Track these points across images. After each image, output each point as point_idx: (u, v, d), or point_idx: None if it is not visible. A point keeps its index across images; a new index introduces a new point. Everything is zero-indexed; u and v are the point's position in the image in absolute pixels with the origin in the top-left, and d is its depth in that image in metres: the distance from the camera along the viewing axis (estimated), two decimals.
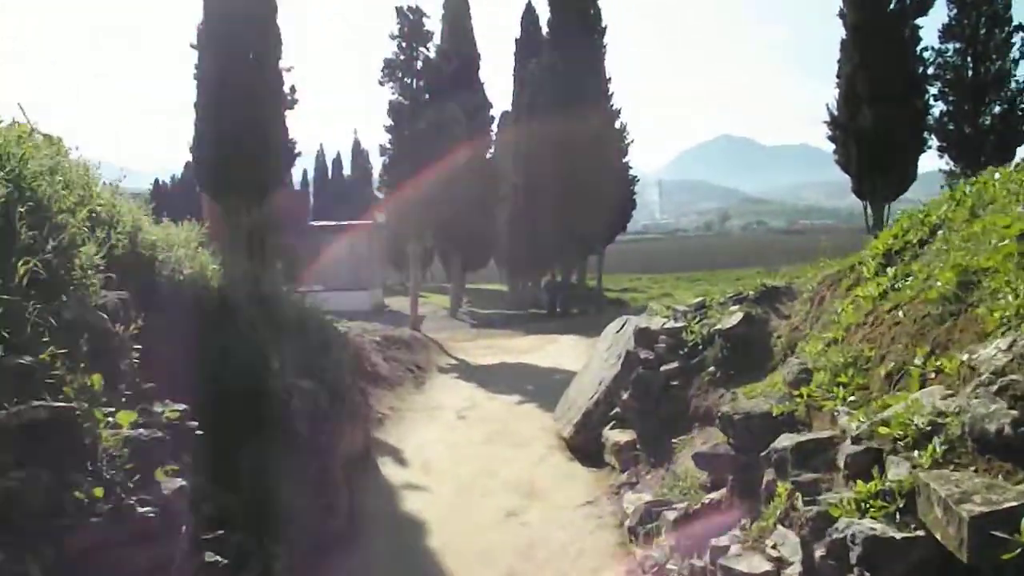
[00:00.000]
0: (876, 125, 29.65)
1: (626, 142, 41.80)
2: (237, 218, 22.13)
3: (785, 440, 5.82)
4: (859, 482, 4.50)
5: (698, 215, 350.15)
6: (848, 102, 31.15)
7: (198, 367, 6.65)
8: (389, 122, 28.56)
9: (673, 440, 9.79)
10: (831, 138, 32.84)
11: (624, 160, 42.01)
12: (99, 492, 3.79)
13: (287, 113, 23.24)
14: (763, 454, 6.11)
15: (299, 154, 23.54)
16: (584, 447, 12.51)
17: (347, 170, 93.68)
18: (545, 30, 42.79)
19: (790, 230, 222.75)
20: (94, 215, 5.97)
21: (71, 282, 4.90)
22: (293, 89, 23.38)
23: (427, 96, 28.72)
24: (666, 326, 11.31)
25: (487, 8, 44.58)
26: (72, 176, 5.92)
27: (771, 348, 9.12)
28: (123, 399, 4.70)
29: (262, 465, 7.35)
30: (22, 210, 4.54)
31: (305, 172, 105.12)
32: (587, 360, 14.79)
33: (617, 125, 41.25)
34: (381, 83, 28.72)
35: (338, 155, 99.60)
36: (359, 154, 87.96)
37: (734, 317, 9.84)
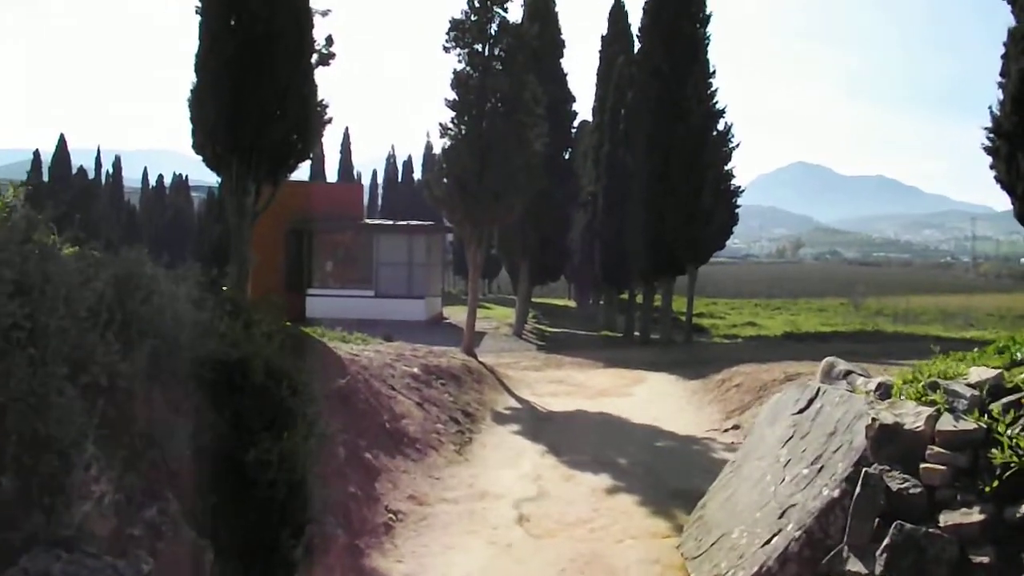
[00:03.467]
0: None
1: (731, 146, 35.98)
2: (243, 199, 16.79)
3: None
4: None
5: (770, 241, 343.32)
6: (1019, 105, 25.26)
7: None
8: (452, 96, 23.03)
9: None
10: (989, 150, 26.65)
11: (727, 167, 36.18)
12: None
13: (320, 69, 17.98)
14: None
15: (330, 120, 18.08)
16: None
17: (418, 173, 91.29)
18: (636, 26, 37.48)
19: (865, 262, 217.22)
20: None
21: None
22: (329, 40, 18.08)
23: (501, 68, 23.13)
24: (942, 427, 5.80)
25: (570, 8, 39.64)
26: None
27: None
28: None
29: None
30: None
31: (375, 173, 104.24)
32: (742, 452, 8.92)
33: (721, 126, 35.47)
34: (446, 48, 23.19)
35: (409, 158, 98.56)
36: (430, 158, 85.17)
37: None
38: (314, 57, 17.64)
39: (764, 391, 16.17)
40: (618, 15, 44.41)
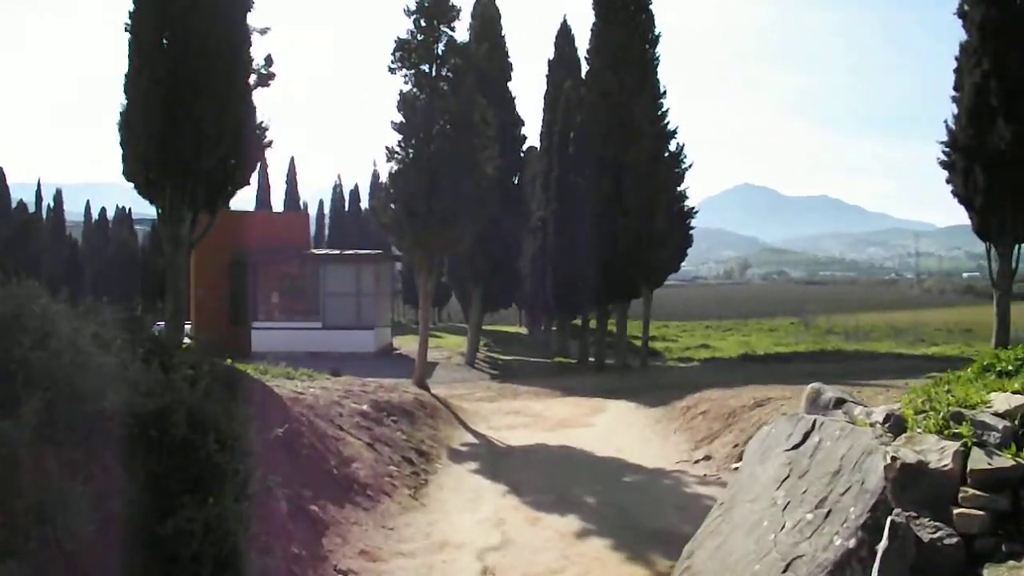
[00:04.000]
0: (1016, 144, 23.41)
1: (683, 167, 35.48)
2: (178, 228, 15.78)
3: None
4: None
5: (717, 263, 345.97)
6: (975, 118, 24.96)
7: None
8: (399, 118, 22.11)
9: None
10: (946, 164, 26.38)
11: (680, 188, 35.65)
12: None
13: (259, 90, 17.06)
14: None
15: (270, 143, 17.12)
16: None
17: (365, 202, 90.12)
18: (583, 49, 36.99)
19: (812, 281, 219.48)
20: None
21: None
22: (269, 60, 17.16)
23: (448, 89, 22.29)
24: (975, 465, 5.07)
25: (515, 32, 38.93)
26: None
27: None
28: None
29: None
30: None
31: (321, 203, 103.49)
32: (730, 492, 8.00)
33: (672, 147, 34.99)
34: (392, 69, 22.27)
35: (356, 187, 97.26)
36: (378, 186, 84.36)
37: None
38: (252, 77, 16.75)
39: (733, 418, 15.43)
40: (564, 38, 43.78)
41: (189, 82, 15.00)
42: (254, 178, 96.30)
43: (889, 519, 5.17)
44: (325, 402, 13.34)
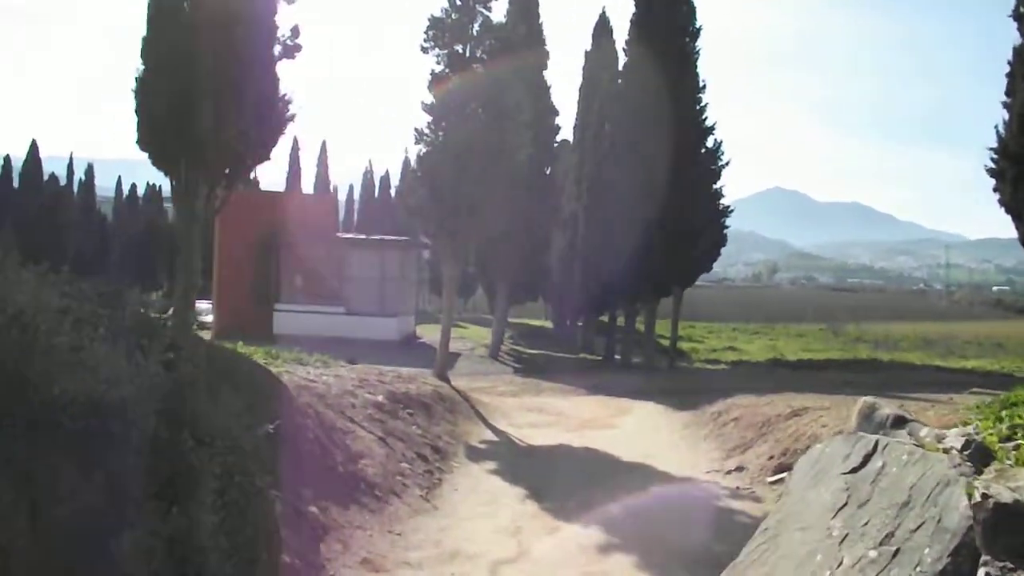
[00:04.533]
0: None
1: (720, 164, 34.48)
2: (192, 202, 15.05)
3: None
4: None
5: (746, 266, 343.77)
6: None
7: None
8: (430, 99, 21.31)
9: None
10: (994, 172, 25.21)
11: (716, 186, 34.65)
12: None
13: (284, 61, 16.29)
14: None
15: (293, 117, 16.33)
16: None
17: (395, 189, 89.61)
18: (621, 42, 36.08)
19: (840, 287, 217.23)
20: None
21: None
22: (295, 31, 16.36)
23: (483, 71, 21.47)
24: None
25: (551, 23, 37.95)
26: None
27: None
28: None
29: None
30: None
31: (351, 188, 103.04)
32: (776, 517, 7.04)
33: (710, 143, 34.00)
34: (424, 49, 21.46)
35: (387, 172, 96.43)
36: (409, 172, 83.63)
37: None
38: (277, 48, 15.95)
39: (768, 427, 14.56)
40: (603, 30, 42.67)
41: (210, 49, 14.24)
42: (284, 160, 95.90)
43: (982, 571, 4.33)
44: (337, 391, 12.61)
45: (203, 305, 41.89)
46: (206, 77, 14.14)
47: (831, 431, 12.13)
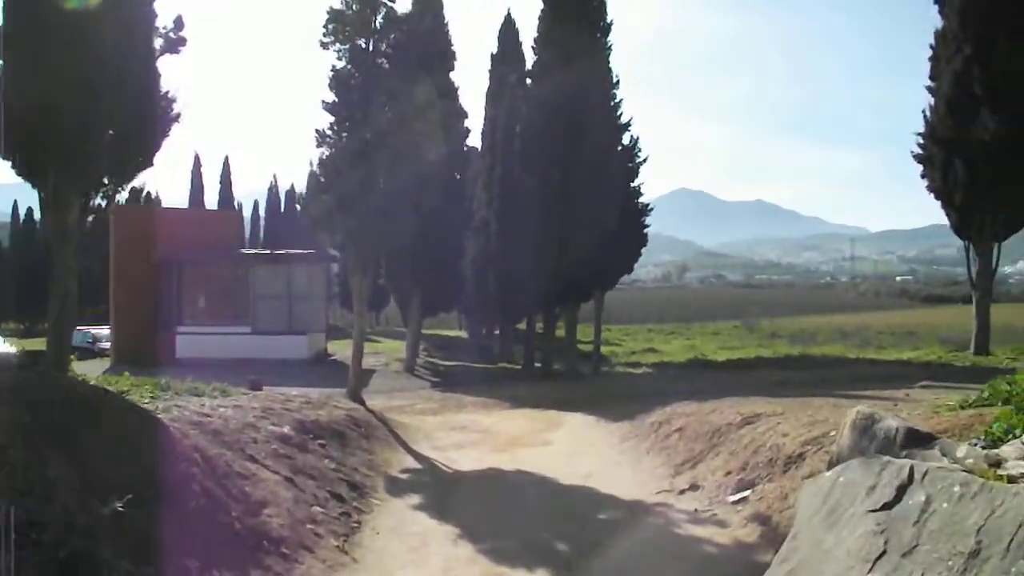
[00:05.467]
0: (1002, 136, 21.73)
1: (637, 161, 33.46)
2: (64, 216, 13.27)
3: None
4: None
5: (655, 267, 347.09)
6: (955, 108, 23.28)
7: None
8: (331, 98, 19.70)
9: None
10: (921, 158, 24.71)
11: (633, 184, 33.60)
12: None
13: (168, 56, 14.63)
14: None
15: (178, 116, 14.62)
16: None
17: (301, 202, 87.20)
18: (530, 42, 34.79)
19: (749, 284, 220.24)
20: None
21: None
22: (179, 23, 14.71)
23: (388, 67, 19.92)
24: None
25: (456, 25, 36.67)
26: None
27: None
28: None
29: None
30: None
31: (256, 204, 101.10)
32: (783, 566, 5.68)
33: (626, 139, 32.96)
34: (324, 44, 19.80)
35: (292, 187, 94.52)
36: (310, 177, 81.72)
37: None
38: (158, 41, 14.30)
39: (719, 437, 13.28)
40: (508, 32, 41.35)
41: (77, 44, 12.49)
42: (186, 178, 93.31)
43: None
44: (236, 425, 10.96)
45: (103, 332, 39.66)
46: (73, 72, 12.39)
47: (795, 440, 10.93)
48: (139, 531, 5.49)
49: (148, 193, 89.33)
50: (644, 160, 33.67)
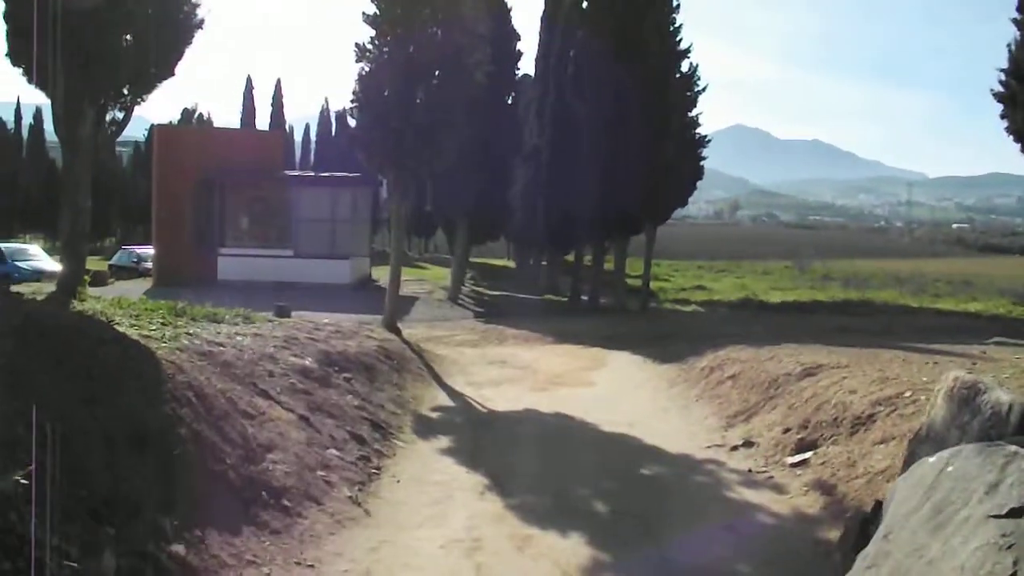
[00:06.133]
0: None
1: (696, 90, 32.00)
2: (77, 127, 12.36)
3: None
4: None
5: (707, 203, 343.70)
6: None
7: None
8: (372, 8, 18.47)
9: None
10: (1002, 97, 22.95)
11: (691, 114, 32.19)
12: None
13: None
14: None
15: (201, 22, 13.59)
16: None
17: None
18: None
19: (802, 224, 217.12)
20: None
21: None
22: None
23: None
24: None
25: None
26: None
27: None
28: None
29: None
30: None
31: (307, 128, 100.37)
32: (872, 569, 4.73)
33: (685, 67, 31.48)
34: None
35: (343, 110, 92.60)
36: (351, 95, 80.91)
37: None
38: None
39: (776, 389, 12.19)
40: None
41: None
42: (238, 100, 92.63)
43: None
44: (252, 356, 10.07)
45: (148, 251, 39.26)
46: None
47: (864, 399, 9.83)
48: (91, 490, 4.60)
49: (200, 115, 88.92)
50: (703, 89, 32.24)
